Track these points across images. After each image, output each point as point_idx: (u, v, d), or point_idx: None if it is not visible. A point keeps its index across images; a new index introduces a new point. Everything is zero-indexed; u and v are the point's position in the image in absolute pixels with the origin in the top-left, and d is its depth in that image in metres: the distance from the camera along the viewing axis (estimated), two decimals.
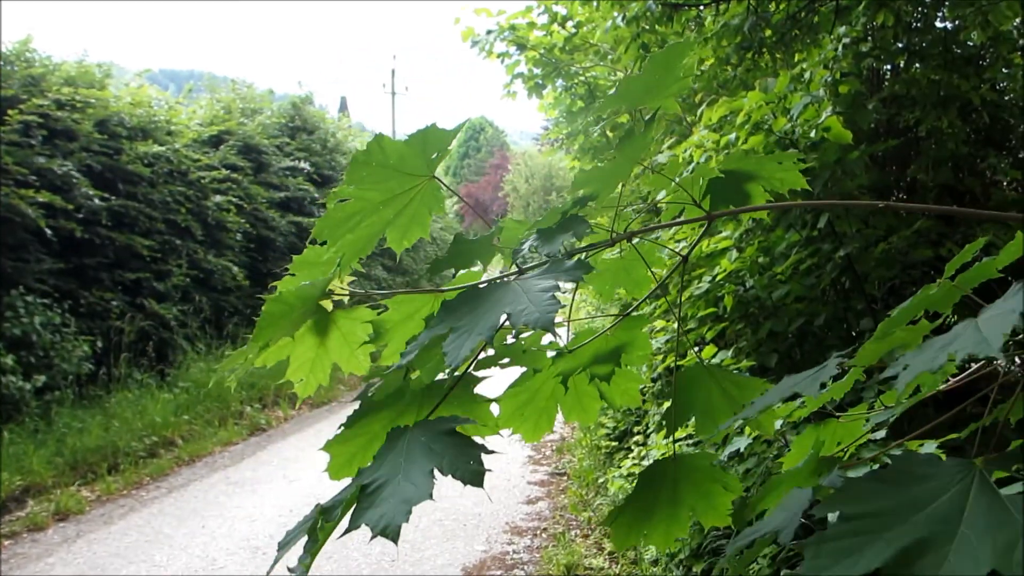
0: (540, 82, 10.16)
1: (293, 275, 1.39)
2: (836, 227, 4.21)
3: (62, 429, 7.75)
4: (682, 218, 1.46)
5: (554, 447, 8.46)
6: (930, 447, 2.26)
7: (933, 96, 4.26)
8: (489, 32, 9.97)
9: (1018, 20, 4.46)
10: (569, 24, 9.63)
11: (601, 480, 6.66)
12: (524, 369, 1.42)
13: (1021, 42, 4.43)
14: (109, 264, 9.68)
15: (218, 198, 11.69)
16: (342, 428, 1.21)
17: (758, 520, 1.12)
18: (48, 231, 8.55)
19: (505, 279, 1.15)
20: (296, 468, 7.75)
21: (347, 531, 0.96)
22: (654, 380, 6.32)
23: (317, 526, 1.02)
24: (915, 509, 0.73)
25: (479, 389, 1.30)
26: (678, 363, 1.69)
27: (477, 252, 1.35)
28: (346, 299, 1.38)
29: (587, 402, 1.48)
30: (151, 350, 9.76)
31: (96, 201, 9.30)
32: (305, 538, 1.03)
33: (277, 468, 7.82)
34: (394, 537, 0.89)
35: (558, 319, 1.03)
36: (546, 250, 1.19)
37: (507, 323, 1.02)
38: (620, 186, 1.37)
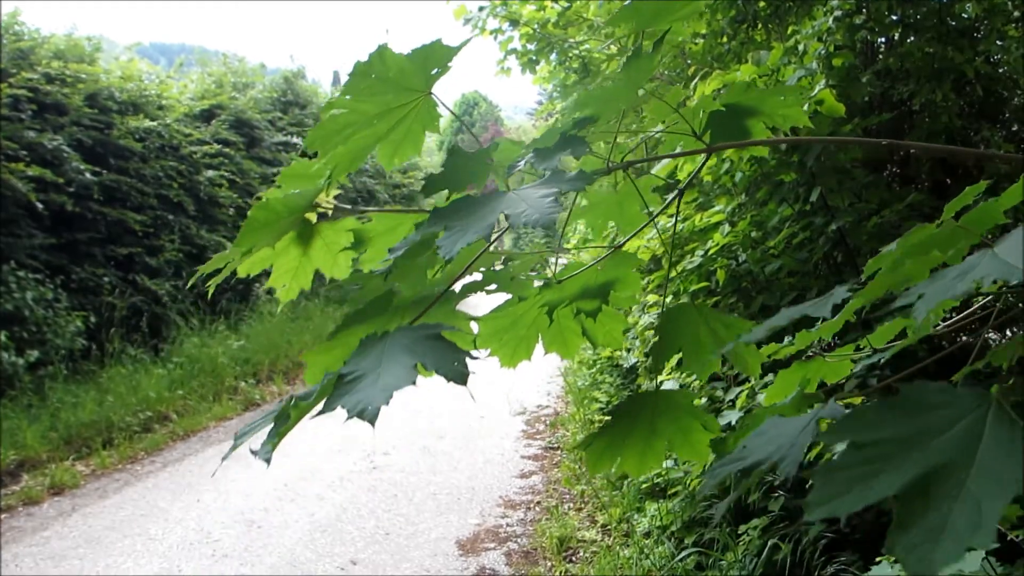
0: (534, 58, 10.09)
1: (280, 187, 1.38)
2: (829, 201, 4.21)
3: (56, 404, 7.76)
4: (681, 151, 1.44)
5: (548, 422, 8.50)
6: None
7: (927, 69, 4.24)
8: (481, 9, 9.88)
9: None
10: None
11: None
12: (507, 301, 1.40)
13: (1016, 14, 4.40)
14: (101, 239, 9.63)
15: (210, 173, 11.63)
16: (325, 341, 1.20)
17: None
18: (39, 206, 8.50)
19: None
20: (291, 442, 7.73)
21: (321, 412, 0.97)
22: (647, 356, 6.34)
23: (288, 409, 1.02)
24: (929, 436, 0.73)
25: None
26: (666, 287, 1.74)
27: (473, 169, 1.30)
28: (331, 211, 1.36)
29: (569, 337, 1.47)
30: (144, 325, 9.75)
31: (87, 176, 9.24)
32: (271, 426, 1.03)
33: None
34: (372, 419, 0.88)
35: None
36: (543, 167, 1.17)
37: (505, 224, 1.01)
38: (620, 114, 1.33)
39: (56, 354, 8.29)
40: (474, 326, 1.36)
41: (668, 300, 5.02)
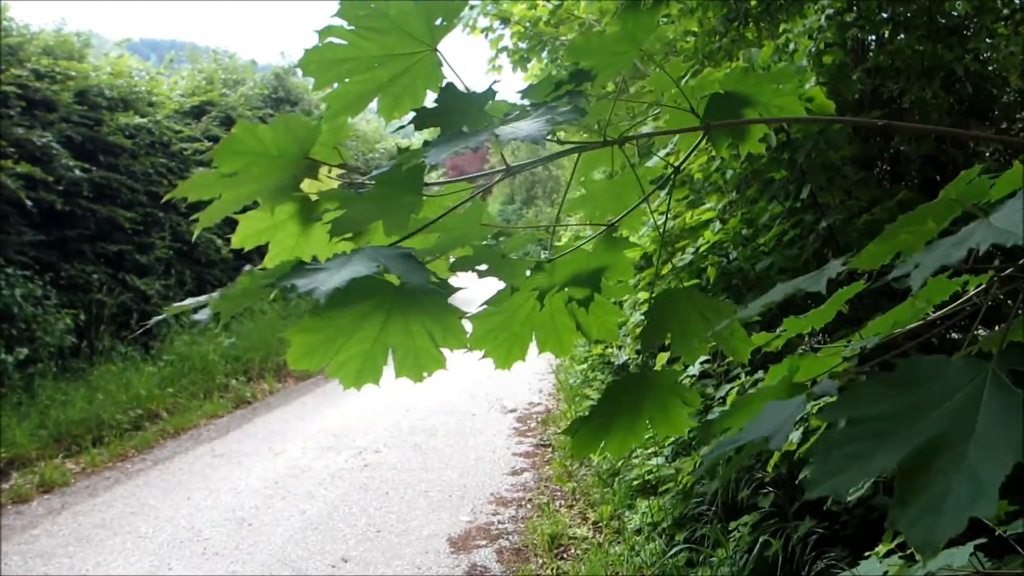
0: (525, 56, 10.07)
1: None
2: (819, 198, 4.22)
3: (45, 402, 7.72)
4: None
5: (539, 419, 8.51)
6: None
7: (917, 67, 4.25)
8: (472, 7, 9.84)
9: None
10: None
11: None
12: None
13: (1005, 11, 4.42)
14: (91, 236, 9.58)
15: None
16: (308, 318, 1.15)
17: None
18: (28, 203, 8.45)
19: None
20: (281, 440, 7.76)
21: (272, 286, 0.99)
22: (638, 353, 6.35)
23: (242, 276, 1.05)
24: (927, 409, 0.72)
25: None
26: (654, 284, 1.72)
27: (468, 109, 1.22)
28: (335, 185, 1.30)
29: (563, 333, 1.43)
30: (134, 323, 9.71)
31: (77, 173, 9.19)
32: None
33: (262, 441, 7.82)
34: (321, 296, 0.91)
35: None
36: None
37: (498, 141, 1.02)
38: (619, 76, 1.33)
39: (45, 351, 8.25)
40: (467, 325, 1.26)
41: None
